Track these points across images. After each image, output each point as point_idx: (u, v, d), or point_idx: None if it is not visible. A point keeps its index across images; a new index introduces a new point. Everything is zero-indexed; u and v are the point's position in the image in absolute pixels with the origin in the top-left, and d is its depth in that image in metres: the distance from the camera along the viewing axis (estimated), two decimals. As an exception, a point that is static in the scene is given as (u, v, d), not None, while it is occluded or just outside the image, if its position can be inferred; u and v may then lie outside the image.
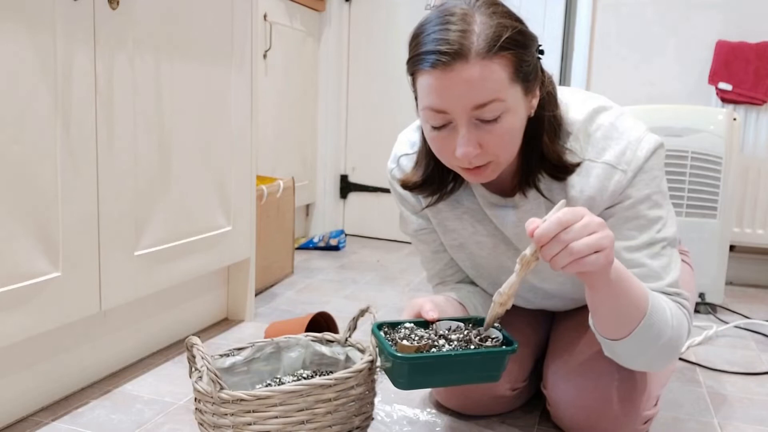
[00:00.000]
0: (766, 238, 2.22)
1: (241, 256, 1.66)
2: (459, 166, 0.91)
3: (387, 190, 2.89)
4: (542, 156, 0.95)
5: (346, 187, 2.99)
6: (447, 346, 0.88)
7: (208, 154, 1.48)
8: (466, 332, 0.92)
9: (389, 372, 0.89)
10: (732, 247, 2.26)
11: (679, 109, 1.97)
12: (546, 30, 2.54)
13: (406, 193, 1.11)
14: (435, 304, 0.98)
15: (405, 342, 0.87)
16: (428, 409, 1.21)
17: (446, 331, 0.92)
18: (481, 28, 0.83)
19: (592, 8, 2.43)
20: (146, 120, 1.28)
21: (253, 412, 0.87)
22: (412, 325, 0.94)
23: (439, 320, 0.94)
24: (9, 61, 0.98)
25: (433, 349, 0.87)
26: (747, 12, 2.27)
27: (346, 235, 2.85)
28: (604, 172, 0.95)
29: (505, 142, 0.88)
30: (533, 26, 0.91)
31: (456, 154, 0.87)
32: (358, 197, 2.98)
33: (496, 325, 0.92)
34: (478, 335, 0.90)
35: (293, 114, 2.67)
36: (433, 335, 0.91)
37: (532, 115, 0.92)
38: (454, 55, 0.82)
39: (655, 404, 1.06)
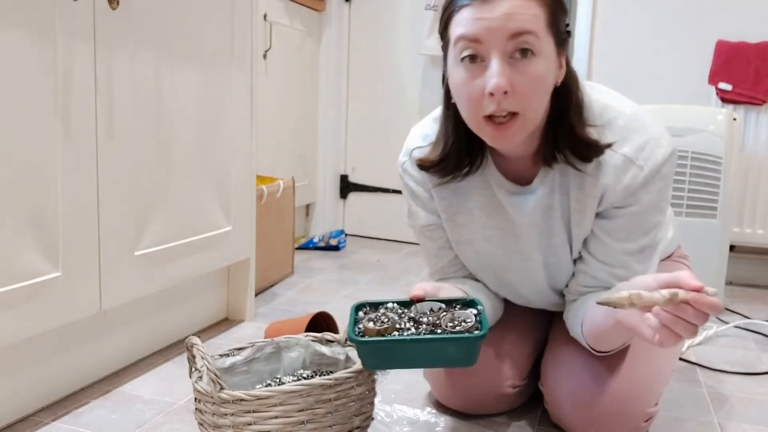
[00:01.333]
0: (766, 238, 2.22)
1: (241, 256, 1.66)
2: (485, 113, 0.88)
3: (387, 190, 2.89)
4: (570, 131, 0.94)
5: (346, 187, 2.99)
6: (413, 329, 0.86)
7: (208, 154, 1.48)
8: (442, 315, 0.89)
9: (357, 352, 0.90)
10: (732, 247, 2.26)
11: (679, 109, 1.97)
12: (546, 30, 2.54)
13: (417, 188, 1.10)
14: (433, 287, 0.97)
15: (370, 324, 0.86)
16: (428, 409, 1.21)
17: (424, 314, 0.90)
18: None
19: (592, 8, 2.43)
20: (146, 120, 1.28)
21: (253, 412, 0.87)
22: (394, 305, 0.93)
23: (421, 301, 0.93)
24: (9, 61, 0.98)
25: (395, 333, 0.85)
26: (747, 12, 2.27)
27: (346, 235, 2.85)
28: (622, 164, 0.95)
29: (536, 88, 0.87)
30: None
31: (487, 89, 0.85)
32: (358, 197, 2.98)
33: (476, 309, 0.90)
34: (451, 320, 0.88)
35: (293, 114, 2.67)
36: (405, 318, 0.89)
37: (559, 84, 0.92)
38: None
39: (656, 403, 1.06)
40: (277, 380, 1.09)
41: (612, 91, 1.02)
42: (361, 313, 0.93)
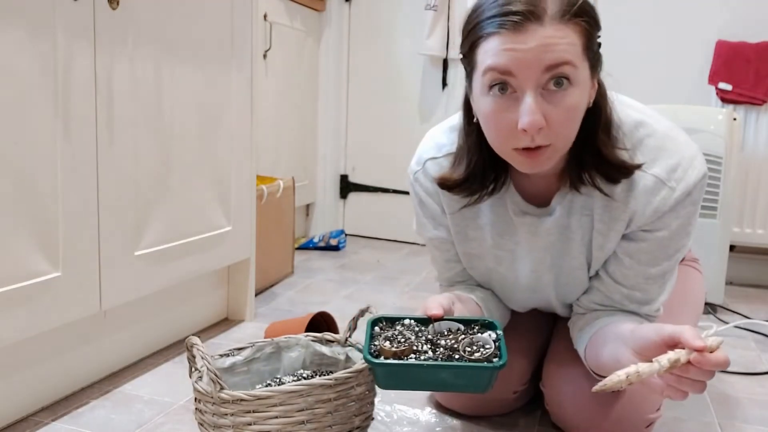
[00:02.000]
0: (766, 238, 2.21)
1: (241, 256, 1.65)
2: (516, 146, 0.83)
3: (387, 190, 2.89)
4: (598, 153, 0.88)
5: (346, 187, 2.99)
6: (430, 353, 0.84)
7: (208, 154, 1.48)
8: (461, 338, 0.86)
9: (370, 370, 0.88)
10: (732, 247, 2.25)
11: (679, 109, 1.97)
12: (546, 30, 2.54)
13: (428, 199, 1.06)
14: (448, 301, 0.93)
15: (387, 344, 0.84)
16: (428, 409, 1.21)
17: (442, 335, 0.88)
18: None
19: (592, 8, 2.43)
20: (146, 120, 1.28)
21: (253, 412, 0.87)
22: (411, 322, 0.90)
23: (440, 319, 0.89)
24: (9, 60, 0.98)
25: (413, 356, 0.83)
26: (747, 12, 2.27)
27: (346, 235, 2.85)
28: (651, 185, 0.90)
29: (570, 120, 0.82)
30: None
31: (520, 125, 0.80)
32: (358, 197, 2.98)
33: (495, 333, 0.88)
34: (470, 344, 0.85)
35: (293, 114, 2.67)
36: (423, 338, 0.86)
37: (590, 105, 0.86)
38: (528, 15, 0.77)
39: (658, 408, 1.05)
40: (277, 380, 1.09)
41: (643, 106, 0.97)
42: (377, 329, 0.90)
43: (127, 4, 1.19)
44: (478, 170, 0.95)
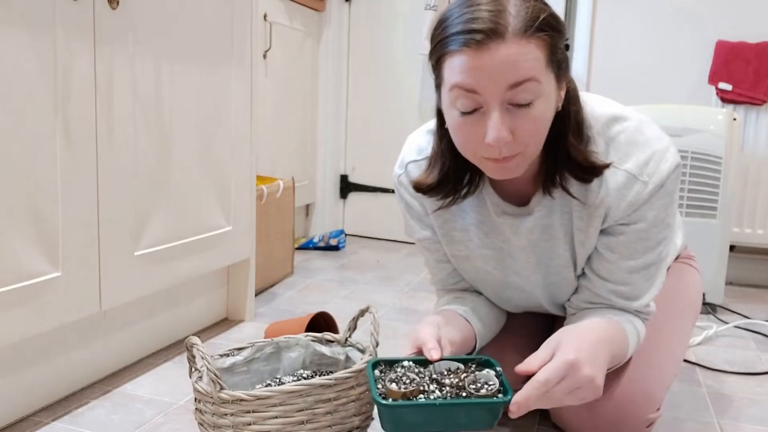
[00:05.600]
0: (766, 238, 2.21)
1: (241, 256, 1.66)
2: (485, 156, 0.85)
3: (387, 190, 2.89)
4: (568, 156, 0.90)
5: (346, 187, 2.99)
6: (438, 392, 0.83)
7: (208, 154, 1.48)
8: (464, 376, 0.86)
9: (378, 414, 0.84)
10: (732, 247, 2.25)
11: (679, 109, 1.97)
12: (546, 30, 2.54)
13: (413, 201, 1.08)
14: (438, 332, 0.94)
15: (393, 386, 0.82)
16: (428, 409, 1.21)
17: (443, 374, 0.87)
18: (515, 8, 0.79)
19: (592, 8, 2.43)
20: (146, 120, 1.28)
21: (253, 412, 0.87)
22: (410, 363, 0.89)
23: (440, 359, 0.89)
24: (9, 60, 0.98)
25: (422, 396, 0.82)
26: (747, 12, 2.27)
27: (346, 235, 2.85)
28: (625, 181, 0.92)
29: (537, 130, 0.84)
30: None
31: (487, 140, 0.82)
32: (358, 197, 2.98)
33: (495, 370, 0.89)
34: (473, 381, 0.85)
35: (293, 114, 2.67)
36: (426, 378, 0.86)
37: (560, 109, 0.88)
38: (490, 33, 0.78)
39: (658, 408, 1.05)
40: (277, 380, 1.09)
41: (614, 102, 0.98)
42: (377, 372, 0.89)
43: (127, 4, 1.19)
44: (452, 173, 0.97)
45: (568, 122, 0.90)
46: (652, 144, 0.92)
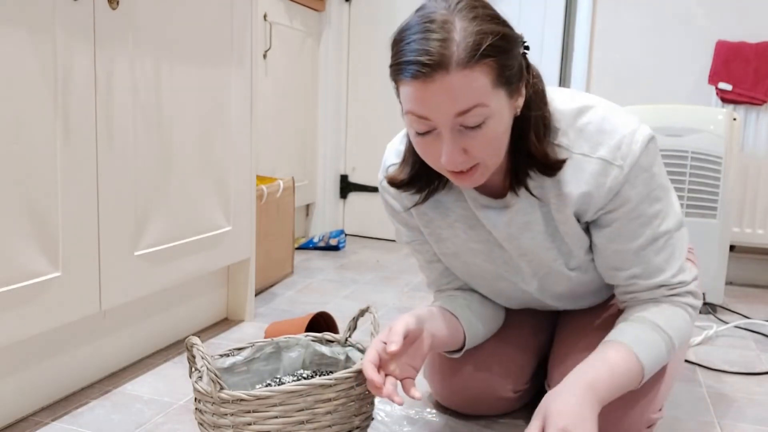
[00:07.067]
0: (766, 238, 2.22)
1: (241, 256, 1.66)
2: (446, 169, 0.90)
3: (387, 190, 2.89)
4: (529, 154, 0.93)
5: (346, 187, 2.99)
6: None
7: (208, 154, 1.48)
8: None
9: None
10: (732, 247, 2.26)
11: (679, 109, 1.97)
12: (546, 30, 2.54)
13: (397, 205, 1.10)
14: (417, 324, 0.95)
15: None
16: (428, 409, 1.21)
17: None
18: (461, 35, 0.81)
19: (592, 8, 2.43)
20: (146, 120, 1.28)
21: (253, 412, 0.87)
22: None
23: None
24: (9, 60, 0.98)
25: None
26: (747, 12, 2.27)
27: (346, 235, 2.85)
28: (600, 168, 0.93)
29: (491, 147, 0.87)
30: (533, 26, 0.89)
31: (441, 161, 0.86)
32: (358, 197, 2.98)
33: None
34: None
35: (293, 114, 2.67)
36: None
37: (518, 114, 0.91)
38: (435, 66, 0.80)
39: (660, 409, 1.05)
40: (277, 380, 1.09)
41: (579, 93, 1.00)
42: None
43: (127, 4, 1.19)
44: (423, 171, 1.00)
45: (529, 124, 0.93)
46: (620, 129, 0.94)
